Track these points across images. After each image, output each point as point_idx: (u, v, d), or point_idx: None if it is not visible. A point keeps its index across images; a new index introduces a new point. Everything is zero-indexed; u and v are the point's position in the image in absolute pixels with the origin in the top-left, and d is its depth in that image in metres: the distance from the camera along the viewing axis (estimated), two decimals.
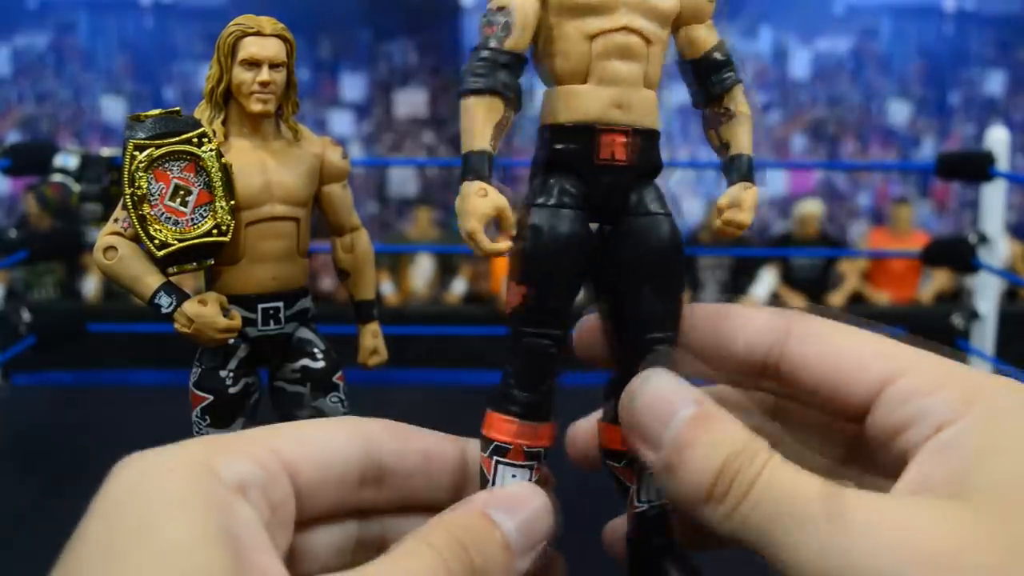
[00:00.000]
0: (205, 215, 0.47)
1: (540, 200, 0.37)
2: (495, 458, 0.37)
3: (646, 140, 0.38)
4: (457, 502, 0.32)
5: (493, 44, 0.36)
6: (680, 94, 0.43)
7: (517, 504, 0.32)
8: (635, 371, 0.36)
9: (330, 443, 0.33)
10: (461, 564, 0.28)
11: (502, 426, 0.37)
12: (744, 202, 0.38)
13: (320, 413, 0.52)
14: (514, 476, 0.37)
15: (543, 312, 0.36)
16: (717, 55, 0.39)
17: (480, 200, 0.34)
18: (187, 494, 0.24)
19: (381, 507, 0.37)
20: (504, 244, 0.35)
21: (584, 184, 0.37)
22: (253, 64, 0.48)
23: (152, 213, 0.46)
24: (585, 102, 0.37)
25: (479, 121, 0.36)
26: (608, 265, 0.38)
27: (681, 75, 0.41)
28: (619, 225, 0.38)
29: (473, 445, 0.38)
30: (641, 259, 0.38)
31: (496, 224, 0.35)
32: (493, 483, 0.37)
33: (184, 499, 0.24)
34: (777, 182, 4.76)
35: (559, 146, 0.37)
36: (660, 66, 0.38)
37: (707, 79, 0.40)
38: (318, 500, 0.33)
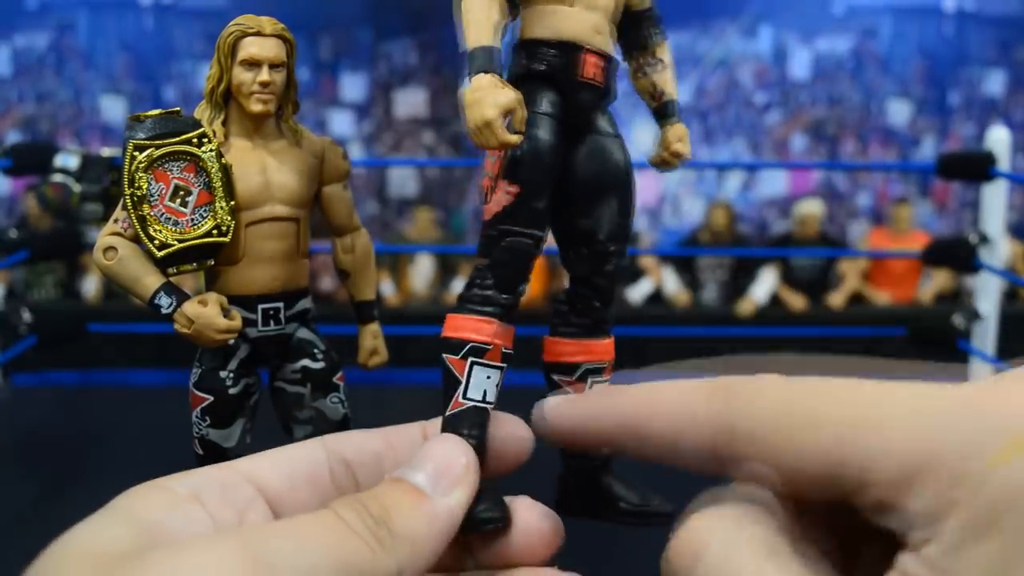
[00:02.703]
0: (205, 215, 0.47)
1: (531, 108, 0.38)
2: (471, 359, 0.37)
3: (612, 66, 0.42)
4: None
5: None
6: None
7: (423, 458, 0.32)
8: (592, 282, 0.41)
9: (289, 450, 0.35)
10: (357, 516, 0.29)
11: (480, 327, 0.37)
12: (685, 136, 0.45)
13: (320, 413, 0.52)
14: (489, 377, 0.37)
15: (530, 211, 0.38)
16: (652, 13, 0.46)
17: (500, 91, 0.35)
18: (121, 503, 0.29)
19: None
20: (517, 137, 0.36)
21: (563, 99, 0.40)
22: (253, 64, 0.48)
23: (152, 214, 0.46)
24: (573, 22, 0.40)
25: (483, 17, 0.37)
26: (568, 181, 0.41)
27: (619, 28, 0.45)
28: (582, 143, 0.42)
29: (432, 424, 0.37)
30: (602, 175, 0.41)
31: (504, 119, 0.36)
32: (467, 385, 0.36)
33: (116, 505, 0.29)
34: (777, 182, 4.75)
35: (544, 60, 0.40)
36: (620, 9, 0.43)
37: (645, 31, 0.45)
38: (297, 498, 0.34)
